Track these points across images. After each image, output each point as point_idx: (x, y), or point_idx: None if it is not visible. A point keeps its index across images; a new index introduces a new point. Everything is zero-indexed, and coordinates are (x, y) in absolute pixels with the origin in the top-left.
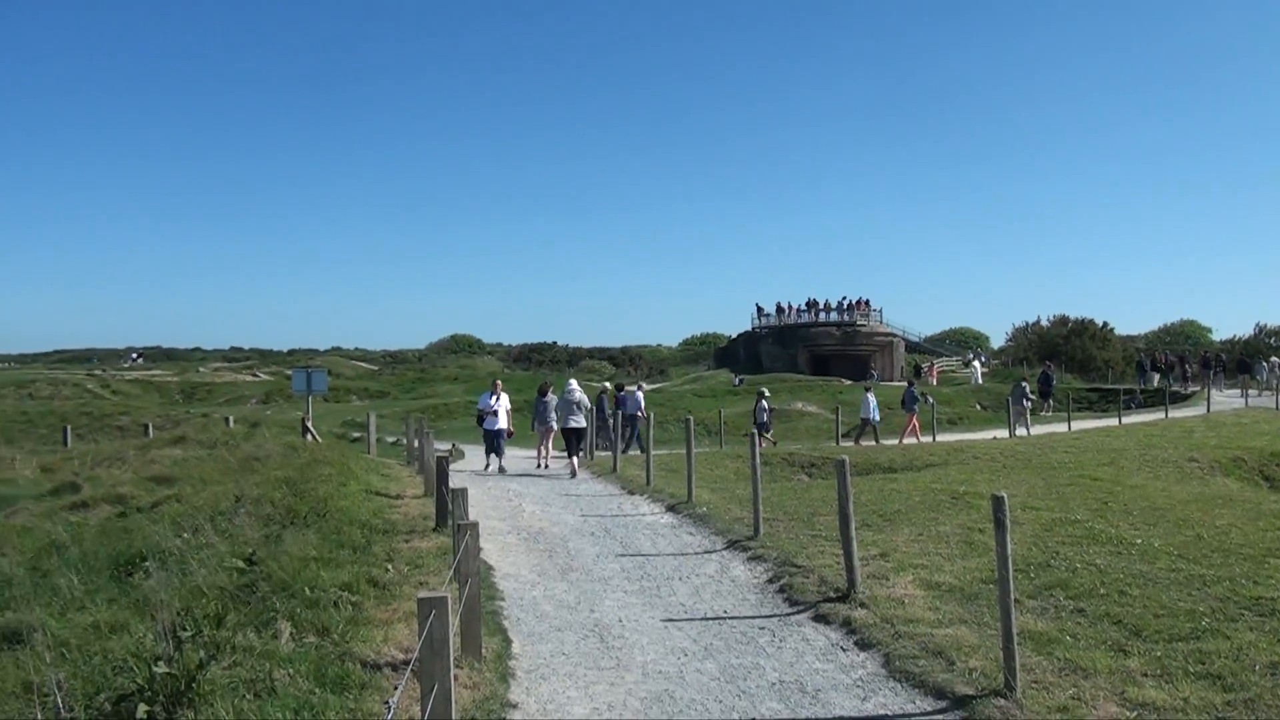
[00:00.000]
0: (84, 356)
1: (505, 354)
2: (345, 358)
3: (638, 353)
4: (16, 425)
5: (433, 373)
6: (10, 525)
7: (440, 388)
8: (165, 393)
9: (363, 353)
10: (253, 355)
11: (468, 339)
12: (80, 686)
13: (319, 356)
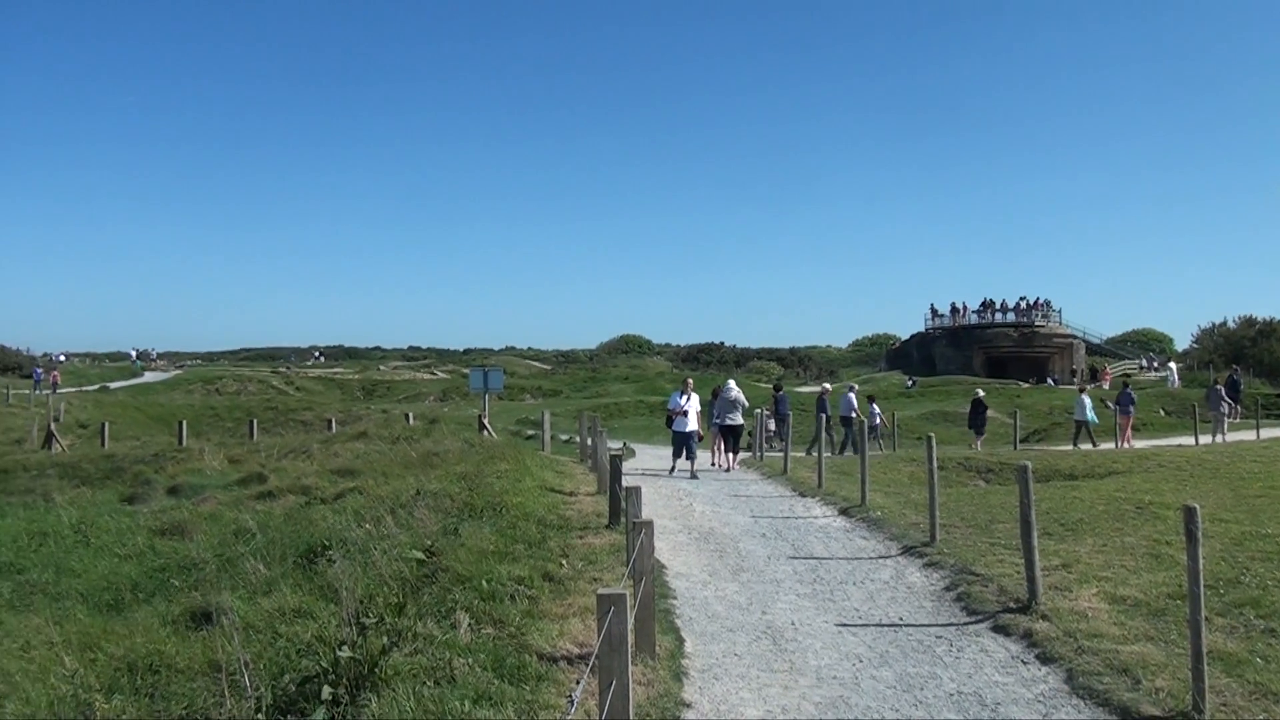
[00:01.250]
0: (269, 355)
1: (674, 354)
2: (519, 357)
3: (806, 354)
4: (205, 419)
5: (603, 372)
6: (200, 512)
7: (611, 387)
8: (346, 389)
9: (535, 352)
10: (430, 354)
11: (637, 339)
12: (266, 667)
13: (494, 356)
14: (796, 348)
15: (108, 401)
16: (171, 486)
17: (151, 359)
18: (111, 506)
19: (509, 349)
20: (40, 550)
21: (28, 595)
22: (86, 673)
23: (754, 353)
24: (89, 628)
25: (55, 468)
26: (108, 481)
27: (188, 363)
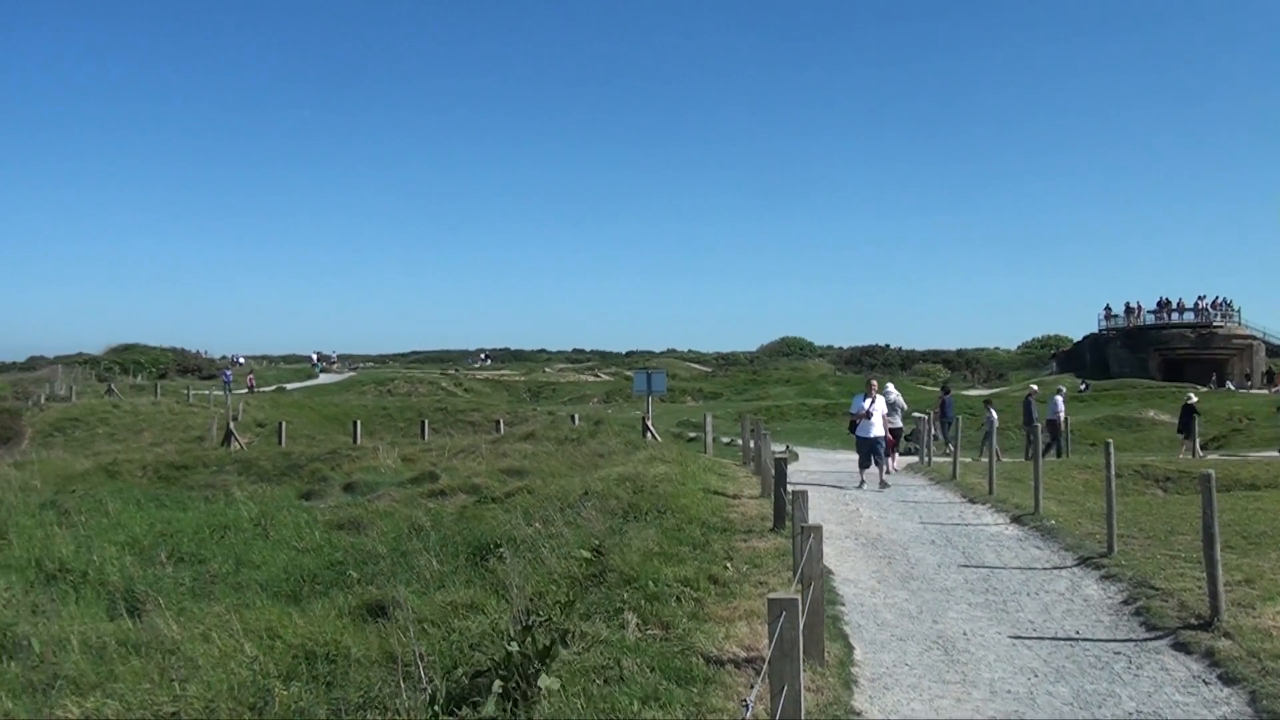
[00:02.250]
0: (438, 357)
1: (836, 356)
2: (680, 359)
3: (974, 356)
4: (377, 419)
5: (764, 375)
6: (375, 509)
7: (772, 389)
8: (513, 391)
9: (696, 354)
10: (593, 356)
11: (798, 341)
12: (440, 660)
13: (655, 358)
14: (963, 349)
15: (284, 402)
16: (347, 484)
17: (332, 361)
18: (290, 502)
19: (670, 351)
20: (221, 542)
21: (209, 584)
22: (266, 659)
23: (919, 355)
24: (269, 616)
25: (234, 464)
26: (284, 478)
27: (361, 365)
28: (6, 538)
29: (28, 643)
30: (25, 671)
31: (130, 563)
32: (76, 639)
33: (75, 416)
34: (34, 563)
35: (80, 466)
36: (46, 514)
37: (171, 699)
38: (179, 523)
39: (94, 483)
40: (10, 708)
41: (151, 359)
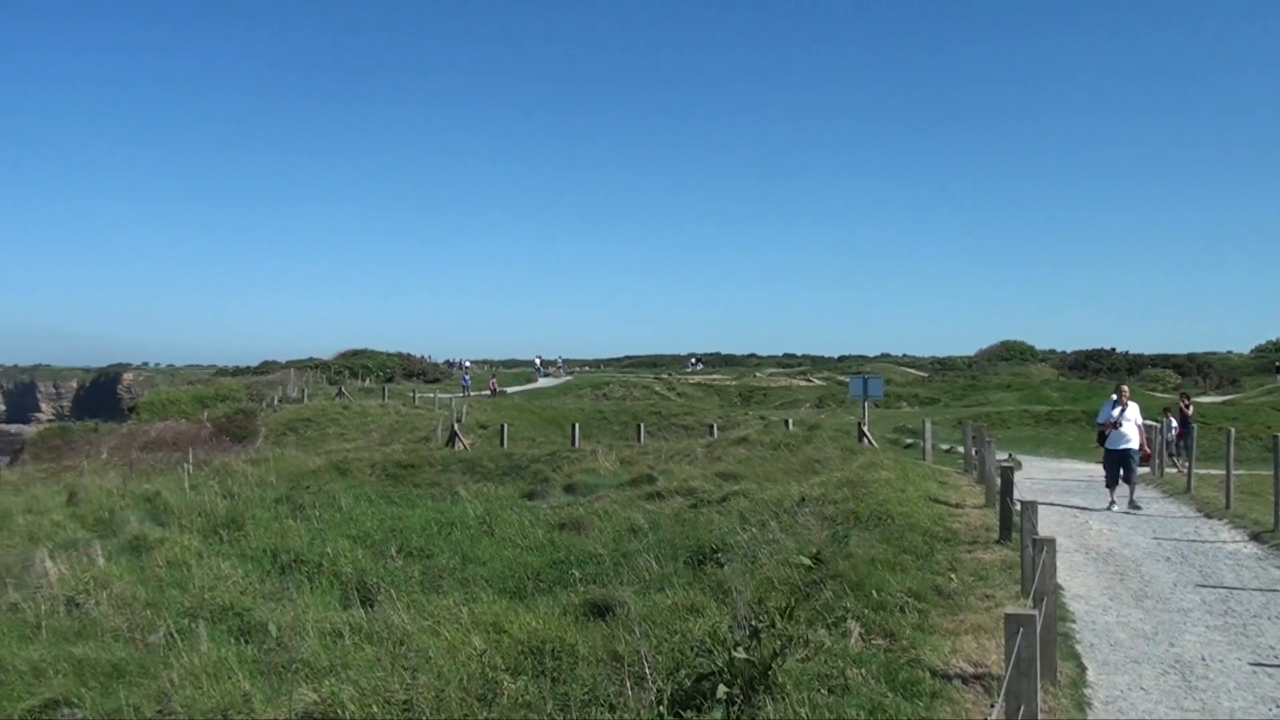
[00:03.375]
0: (650, 362)
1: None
2: (894, 364)
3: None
4: (594, 422)
5: (983, 380)
6: (595, 510)
7: (992, 395)
8: (724, 395)
9: (911, 359)
10: (805, 361)
11: (1019, 345)
12: (663, 661)
13: (868, 363)
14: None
15: (504, 405)
16: (567, 485)
17: (557, 366)
18: (513, 501)
19: (884, 356)
20: (449, 538)
21: (437, 579)
22: (493, 653)
23: (1147, 359)
24: (495, 611)
25: (459, 464)
26: (506, 478)
27: (576, 369)
28: (244, 529)
29: (266, 627)
30: (263, 654)
31: (362, 556)
32: (312, 626)
33: (307, 417)
34: (270, 553)
35: (312, 464)
36: (281, 508)
37: (403, 688)
38: (408, 519)
39: (325, 480)
40: (248, 688)
41: (379, 363)
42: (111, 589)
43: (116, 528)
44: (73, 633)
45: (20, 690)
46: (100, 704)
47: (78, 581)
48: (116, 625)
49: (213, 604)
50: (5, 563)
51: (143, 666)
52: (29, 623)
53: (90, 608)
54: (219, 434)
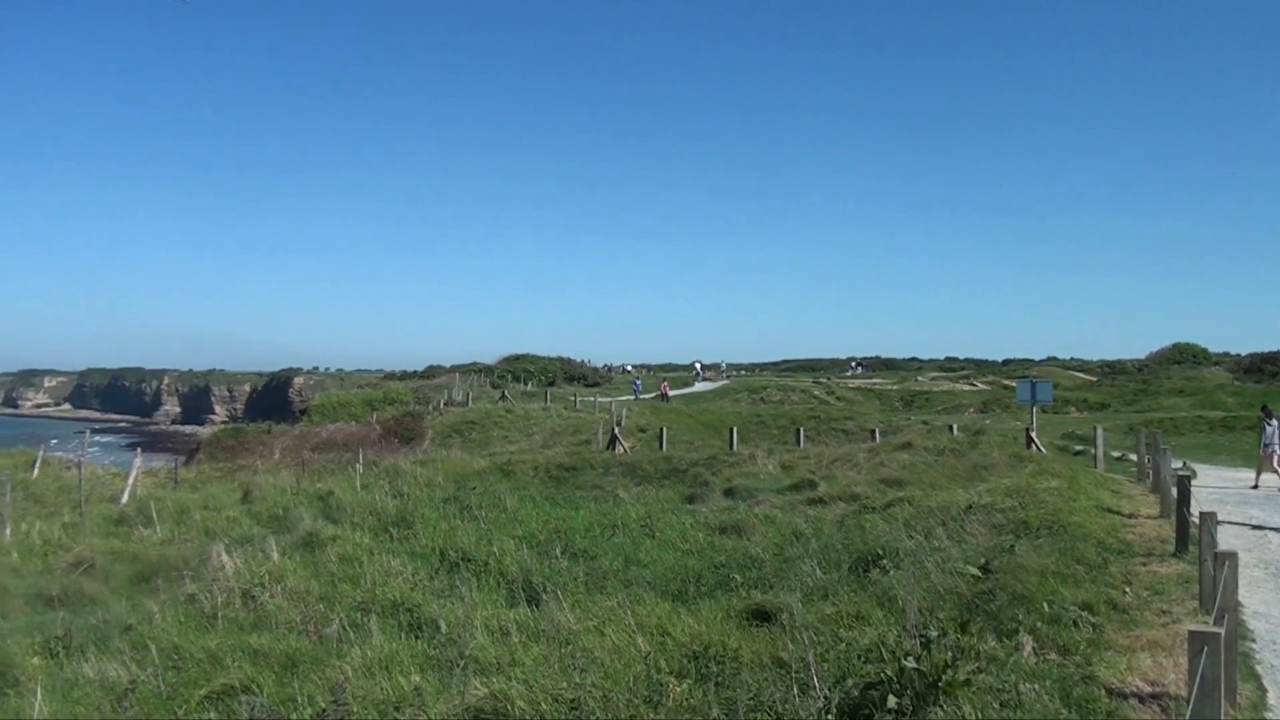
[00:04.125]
0: (809, 365)
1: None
2: (1061, 367)
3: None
4: (751, 426)
5: (1155, 384)
6: (755, 514)
7: (1164, 400)
8: (885, 400)
9: (1079, 362)
10: (968, 365)
11: (1192, 348)
12: (828, 669)
13: (1034, 366)
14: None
15: (663, 409)
16: (727, 489)
17: (721, 370)
18: (673, 504)
19: (1050, 359)
20: (611, 540)
21: (601, 580)
22: (657, 655)
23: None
24: (658, 614)
25: (619, 467)
26: (665, 481)
27: (733, 373)
28: (413, 528)
29: (436, 623)
30: (433, 649)
31: (527, 556)
32: (480, 622)
33: (471, 420)
34: (438, 551)
35: (477, 465)
36: (449, 508)
37: (571, 686)
38: (571, 520)
39: (490, 481)
40: (419, 681)
41: (540, 367)
42: (286, 583)
43: (290, 524)
44: (248, 624)
45: (199, 677)
46: (276, 691)
47: (253, 575)
48: (290, 617)
49: (383, 599)
50: (184, 556)
51: (316, 657)
52: (206, 613)
53: (265, 600)
54: (387, 436)
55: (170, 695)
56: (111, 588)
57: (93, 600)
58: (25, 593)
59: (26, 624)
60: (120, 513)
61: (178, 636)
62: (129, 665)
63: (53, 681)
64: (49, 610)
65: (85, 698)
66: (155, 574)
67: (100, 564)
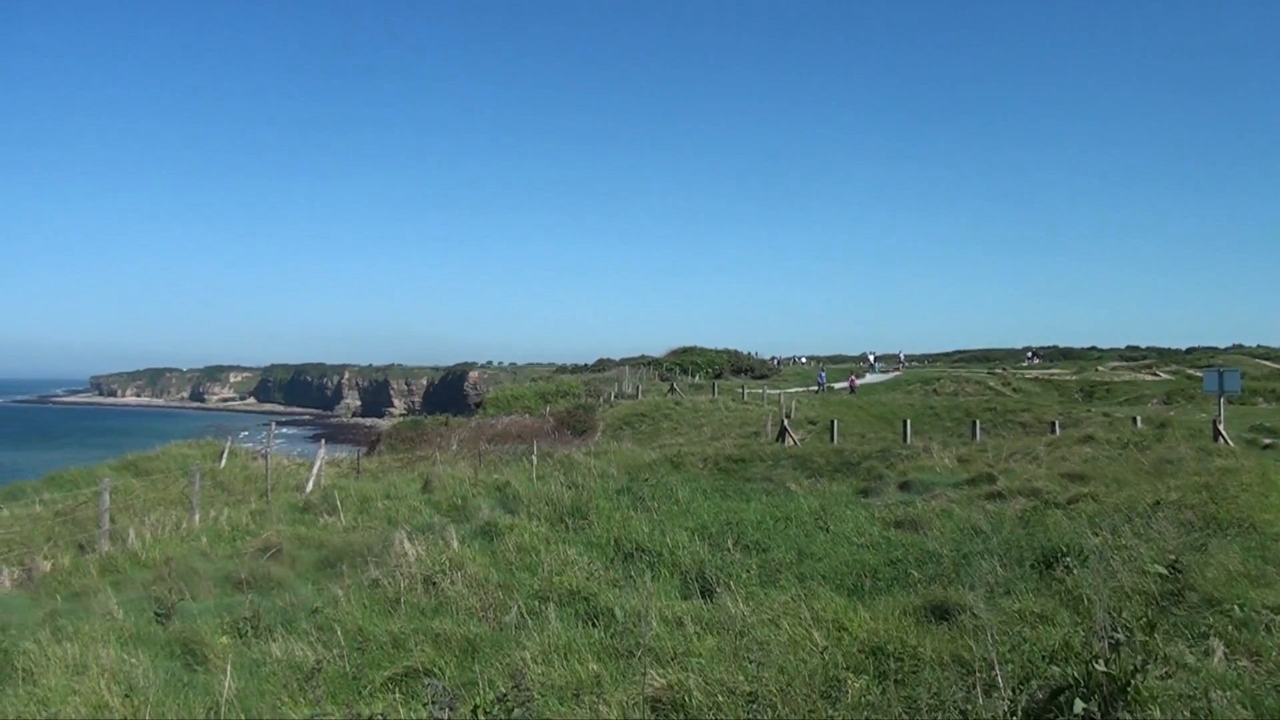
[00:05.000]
0: (983, 356)
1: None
2: (1247, 355)
3: None
4: (924, 418)
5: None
6: (932, 509)
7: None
8: (1064, 391)
9: (1267, 350)
10: (1150, 354)
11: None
12: (1012, 670)
13: (1219, 355)
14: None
15: (832, 400)
16: (902, 482)
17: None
18: (846, 498)
19: (1236, 347)
20: (784, 533)
21: (774, 572)
22: (834, 650)
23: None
24: (834, 608)
25: (789, 459)
26: (836, 474)
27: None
28: (588, 518)
29: (611, 612)
30: (609, 638)
31: (700, 547)
32: (655, 613)
33: (641, 412)
34: (613, 542)
35: (647, 457)
36: (622, 499)
37: (748, 679)
38: (742, 512)
39: (661, 472)
40: (596, 669)
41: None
42: (465, 570)
43: (469, 514)
44: (430, 609)
45: (382, 659)
46: (457, 675)
47: (434, 562)
48: (470, 604)
49: (560, 588)
50: (367, 543)
51: (496, 643)
52: (389, 598)
53: (446, 586)
54: (559, 428)
55: (355, 676)
56: (297, 572)
57: (279, 584)
58: (214, 575)
59: (215, 605)
60: (305, 501)
61: (362, 620)
62: (315, 646)
63: (241, 660)
64: (237, 592)
65: (272, 676)
66: (339, 559)
67: (286, 549)
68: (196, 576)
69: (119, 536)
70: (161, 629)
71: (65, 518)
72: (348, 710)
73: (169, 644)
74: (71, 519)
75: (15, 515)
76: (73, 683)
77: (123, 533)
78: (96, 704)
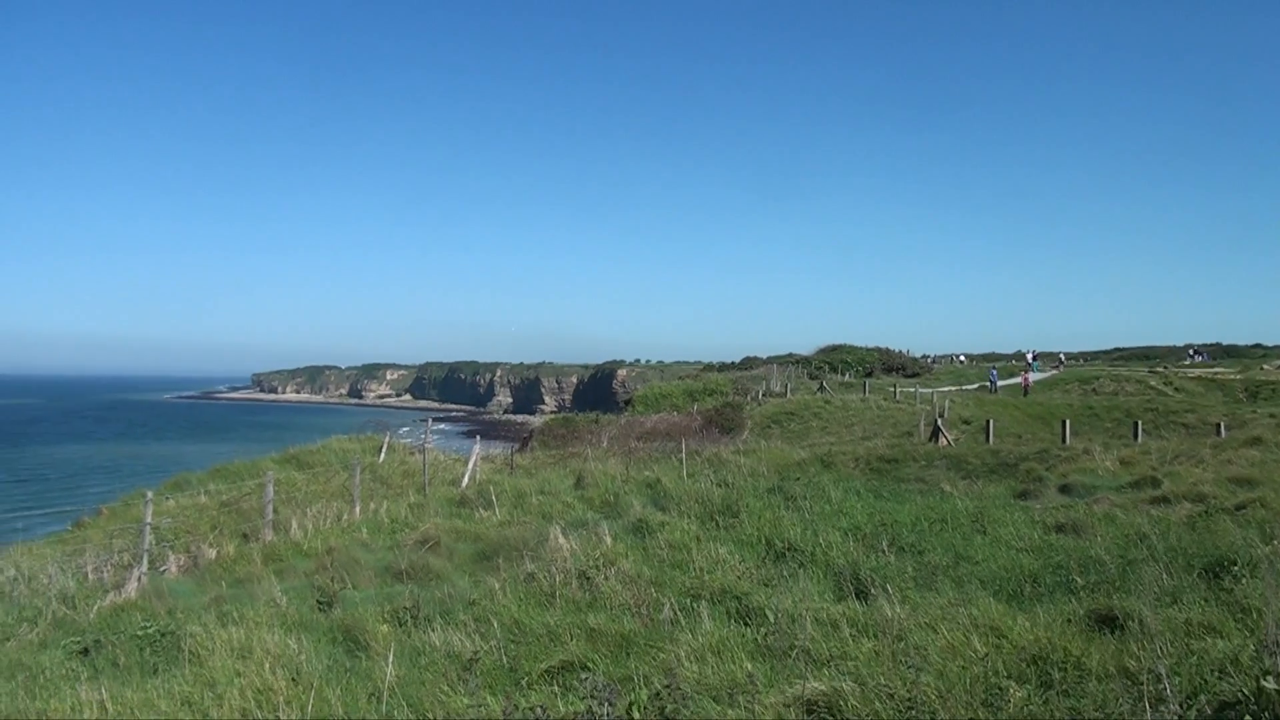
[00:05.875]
0: (1143, 354)
1: None
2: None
3: None
4: (1083, 418)
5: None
6: (1094, 513)
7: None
8: (1228, 390)
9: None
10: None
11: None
12: (1180, 683)
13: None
14: None
15: (987, 400)
16: (1062, 485)
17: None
18: (1004, 500)
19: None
20: (939, 535)
21: (930, 576)
22: (994, 658)
23: None
24: (993, 614)
25: (942, 459)
26: (993, 476)
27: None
28: (738, 517)
29: (763, 612)
30: (761, 638)
31: (853, 548)
32: (809, 614)
33: (790, 411)
34: (764, 541)
35: (796, 456)
36: (773, 498)
37: (905, 685)
38: (896, 513)
39: (811, 471)
40: (750, 669)
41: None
42: (618, 566)
43: (620, 510)
44: (584, 604)
45: (538, 651)
46: (611, 670)
47: (588, 557)
48: (624, 600)
49: (712, 586)
50: (522, 537)
51: (648, 640)
52: (544, 592)
53: (600, 582)
54: (708, 426)
55: (512, 667)
56: (454, 564)
57: (437, 575)
58: (374, 566)
59: (376, 594)
60: (461, 495)
61: (518, 612)
62: (473, 637)
63: (401, 648)
64: (396, 583)
65: (431, 665)
66: (495, 553)
67: (444, 542)
68: (357, 566)
69: (281, 527)
70: (323, 616)
71: (229, 508)
72: (506, 701)
73: (331, 631)
74: (235, 509)
75: (182, 505)
76: (238, 665)
77: (285, 523)
78: (261, 686)
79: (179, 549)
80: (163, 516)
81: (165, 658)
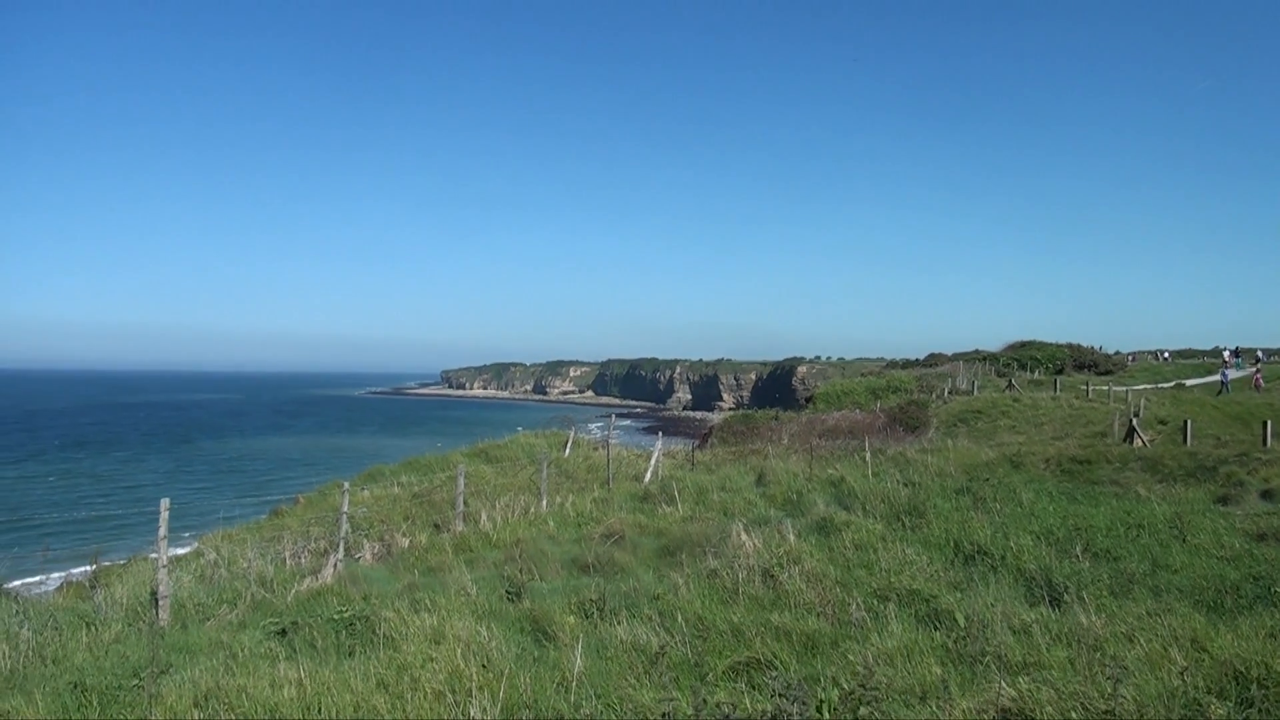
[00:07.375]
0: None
1: None
2: None
3: None
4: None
5: None
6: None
7: None
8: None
9: None
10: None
11: None
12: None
13: None
14: None
15: (1184, 399)
16: (1264, 490)
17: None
18: (1203, 505)
19: None
20: (1135, 541)
21: (1126, 583)
22: (1195, 671)
23: None
24: (1193, 626)
25: (1137, 461)
26: (1189, 479)
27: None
28: (925, 517)
29: (953, 615)
30: (951, 642)
31: (1045, 552)
32: (999, 620)
33: (977, 409)
34: (952, 543)
35: (984, 456)
36: (961, 499)
37: (1103, 697)
38: (1090, 517)
39: (1000, 472)
40: (940, 673)
41: (1048, 355)
42: (802, 564)
43: (803, 508)
44: (768, 601)
45: (722, 648)
46: (798, 669)
47: (771, 555)
48: (809, 599)
49: (899, 587)
50: (704, 533)
51: (835, 640)
52: (727, 588)
53: (784, 580)
54: (891, 424)
55: (697, 663)
56: (638, 559)
57: (621, 569)
58: (561, 558)
59: (563, 586)
60: (644, 490)
61: (701, 608)
62: (658, 631)
63: (588, 640)
64: (583, 575)
65: (618, 657)
66: (678, 548)
67: (628, 536)
68: (544, 558)
69: (471, 518)
70: (512, 606)
71: (421, 499)
72: (693, 696)
73: (519, 620)
74: (427, 500)
75: (375, 496)
76: (431, 651)
77: (475, 514)
78: (453, 671)
79: (373, 537)
80: (358, 506)
81: (360, 641)
